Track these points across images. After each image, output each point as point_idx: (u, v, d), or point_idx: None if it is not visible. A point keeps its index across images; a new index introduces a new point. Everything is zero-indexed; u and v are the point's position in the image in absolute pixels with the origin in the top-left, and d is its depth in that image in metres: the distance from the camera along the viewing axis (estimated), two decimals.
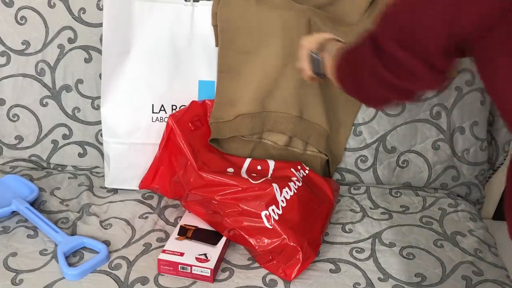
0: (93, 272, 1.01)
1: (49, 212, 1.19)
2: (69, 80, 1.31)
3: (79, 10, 1.26)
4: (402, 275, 1.03)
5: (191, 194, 1.11)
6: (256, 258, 1.05)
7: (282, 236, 1.02)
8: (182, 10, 1.19)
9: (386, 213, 1.22)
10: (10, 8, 1.27)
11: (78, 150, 1.36)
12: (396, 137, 1.29)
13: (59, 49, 1.29)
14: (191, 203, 1.12)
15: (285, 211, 1.06)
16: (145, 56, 1.20)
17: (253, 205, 1.05)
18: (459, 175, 1.31)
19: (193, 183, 1.10)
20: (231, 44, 1.19)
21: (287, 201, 1.08)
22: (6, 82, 1.32)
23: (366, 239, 1.13)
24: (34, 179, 1.31)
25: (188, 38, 1.21)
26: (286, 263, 1.01)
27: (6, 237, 1.10)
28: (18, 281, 0.99)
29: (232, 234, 1.06)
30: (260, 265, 1.04)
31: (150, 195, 1.27)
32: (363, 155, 1.31)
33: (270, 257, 1.03)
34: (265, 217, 1.04)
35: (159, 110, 1.22)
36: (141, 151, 1.23)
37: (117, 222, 1.17)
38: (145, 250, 1.08)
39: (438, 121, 1.28)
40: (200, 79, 1.22)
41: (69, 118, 1.34)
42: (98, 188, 1.29)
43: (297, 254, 1.01)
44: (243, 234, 1.04)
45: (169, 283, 1.00)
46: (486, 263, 1.07)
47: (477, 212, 1.27)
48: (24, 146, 1.36)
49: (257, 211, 1.04)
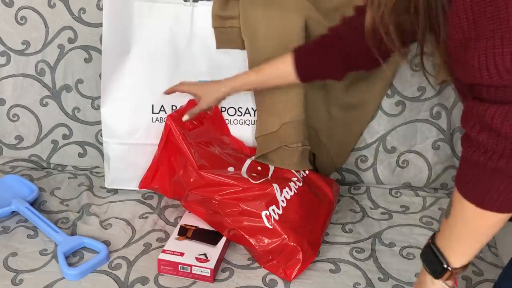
0: (93, 272, 1.01)
1: (49, 212, 1.19)
2: (69, 80, 1.31)
3: (79, 10, 1.26)
4: (402, 275, 1.03)
5: (191, 194, 1.11)
6: (256, 258, 1.05)
7: (282, 236, 1.02)
8: (182, 10, 1.19)
9: (386, 213, 1.22)
10: (10, 8, 1.27)
11: (78, 150, 1.36)
12: (396, 137, 1.29)
13: (59, 49, 1.29)
14: (191, 203, 1.12)
15: (285, 211, 1.06)
16: (145, 56, 1.20)
17: (254, 205, 1.05)
18: None
19: (193, 183, 1.10)
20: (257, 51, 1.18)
21: (288, 201, 1.08)
22: (6, 82, 1.32)
23: (366, 239, 1.13)
24: (34, 179, 1.31)
25: (188, 38, 1.21)
26: (286, 263, 1.01)
27: (6, 237, 1.10)
28: (18, 281, 0.99)
29: (232, 234, 1.06)
30: (260, 265, 1.04)
31: (150, 195, 1.27)
32: (363, 155, 1.31)
33: (270, 257, 1.03)
34: (266, 217, 1.04)
35: (159, 110, 1.22)
36: (141, 151, 1.23)
37: (117, 222, 1.17)
38: (145, 250, 1.08)
39: (438, 121, 1.28)
40: (200, 79, 1.22)
41: (69, 118, 1.34)
42: (98, 188, 1.29)
43: (297, 254, 1.01)
44: (243, 234, 1.04)
45: (169, 283, 1.00)
46: (486, 263, 1.07)
47: None
48: (24, 146, 1.36)
49: (257, 211, 1.04)
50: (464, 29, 0.59)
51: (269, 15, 1.17)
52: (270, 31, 1.17)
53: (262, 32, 1.17)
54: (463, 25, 0.58)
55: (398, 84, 1.26)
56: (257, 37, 1.17)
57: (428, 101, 1.27)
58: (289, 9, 1.17)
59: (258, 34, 1.17)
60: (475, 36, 0.58)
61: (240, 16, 1.18)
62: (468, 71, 0.59)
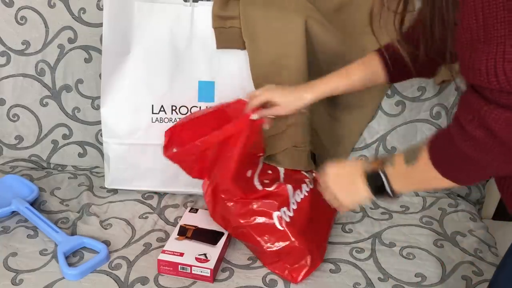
0: (93, 272, 1.01)
1: (49, 212, 1.19)
2: (69, 80, 1.31)
3: (79, 10, 1.26)
4: (402, 275, 1.03)
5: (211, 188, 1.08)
6: (260, 257, 1.05)
7: (292, 239, 1.01)
8: (182, 10, 1.19)
9: (386, 213, 1.22)
10: (10, 8, 1.27)
11: (78, 150, 1.36)
12: (396, 137, 1.29)
13: (59, 49, 1.29)
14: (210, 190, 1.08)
15: (296, 214, 1.05)
16: (145, 57, 1.20)
17: (266, 204, 1.04)
18: None
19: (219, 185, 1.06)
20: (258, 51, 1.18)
21: (298, 203, 1.07)
22: (6, 82, 1.32)
23: (366, 239, 1.13)
24: (34, 179, 1.31)
25: (187, 38, 1.21)
26: (293, 265, 1.01)
27: (6, 237, 1.10)
28: (18, 281, 0.99)
29: (240, 231, 1.05)
30: (264, 265, 1.04)
31: (150, 195, 1.27)
32: (363, 155, 1.31)
33: (277, 258, 1.02)
34: (277, 218, 1.02)
35: (159, 110, 1.22)
36: (141, 151, 1.23)
37: (117, 222, 1.17)
38: (145, 250, 1.08)
39: (438, 121, 1.28)
40: (200, 79, 1.22)
41: (69, 118, 1.34)
42: (98, 188, 1.29)
43: (305, 258, 1.01)
44: (252, 233, 1.03)
45: (169, 283, 1.00)
46: (486, 263, 1.07)
47: (477, 212, 1.27)
48: (24, 146, 1.36)
49: (269, 211, 1.03)
50: (472, 30, 0.58)
51: (269, 15, 1.17)
52: (271, 31, 1.17)
53: (262, 32, 1.17)
54: (472, 26, 0.58)
55: (398, 84, 1.26)
56: (258, 37, 1.17)
57: (428, 101, 1.27)
58: (289, 9, 1.17)
59: (258, 34, 1.17)
60: (484, 39, 0.57)
61: (240, 17, 1.18)
62: (475, 74, 0.59)
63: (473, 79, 0.60)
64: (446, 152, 0.67)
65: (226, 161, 1.03)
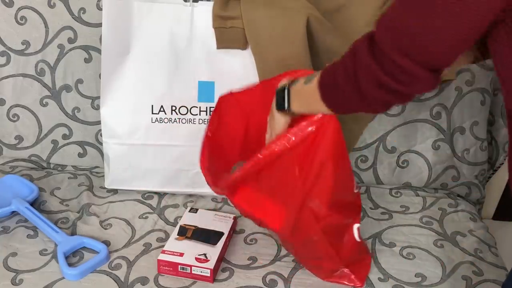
0: (93, 272, 1.01)
1: (49, 212, 1.19)
2: (69, 80, 1.31)
3: (79, 10, 1.26)
4: (402, 275, 1.03)
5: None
6: (323, 269, 0.99)
7: (367, 251, 1.05)
8: (182, 10, 1.19)
9: (386, 213, 1.22)
10: (10, 8, 1.27)
11: (78, 150, 1.36)
12: (396, 137, 1.29)
13: (59, 49, 1.29)
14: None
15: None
16: (145, 57, 1.20)
17: (349, 214, 0.96)
18: (459, 175, 1.31)
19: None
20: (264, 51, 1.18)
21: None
22: (6, 82, 1.32)
23: (366, 239, 1.13)
24: (34, 179, 1.31)
25: (187, 38, 1.21)
26: (358, 271, 1.00)
27: (6, 237, 1.10)
28: (18, 281, 0.99)
29: (316, 238, 0.92)
30: (323, 279, 1.00)
31: (150, 195, 1.27)
32: (363, 155, 1.31)
33: (342, 267, 0.98)
34: (357, 230, 0.97)
35: (159, 111, 1.22)
36: (141, 151, 1.23)
37: (117, 222, 1.17)
38: (145, 250, 1.08)
39: (438, 121, 1.28)
40: (200, 79, 1.22)
41: (69, 118, 1.34)
42: (98, 188, 1.29)
43: (367, 259, 1.04)
44: (326, 241, 0.92)
45: (169, 283, 1.00)
46: (486, 263, 1.07)
47: (477, 212, 1.27)
48: (24, 146, 1.36)
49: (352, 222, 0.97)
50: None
51: (271, 14, 1.17)
52: (274, 31, 1.16)
53: (266, 34, 1.16)
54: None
55: None
56: (262, 39, 1.17)
57: (428, 101, 1.27)
58: (290, 7, 1.17)
59: (262, 36, 1.17)
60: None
61: (243, 20, 1.17)
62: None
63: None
64: (329, 77, 0.78)
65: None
